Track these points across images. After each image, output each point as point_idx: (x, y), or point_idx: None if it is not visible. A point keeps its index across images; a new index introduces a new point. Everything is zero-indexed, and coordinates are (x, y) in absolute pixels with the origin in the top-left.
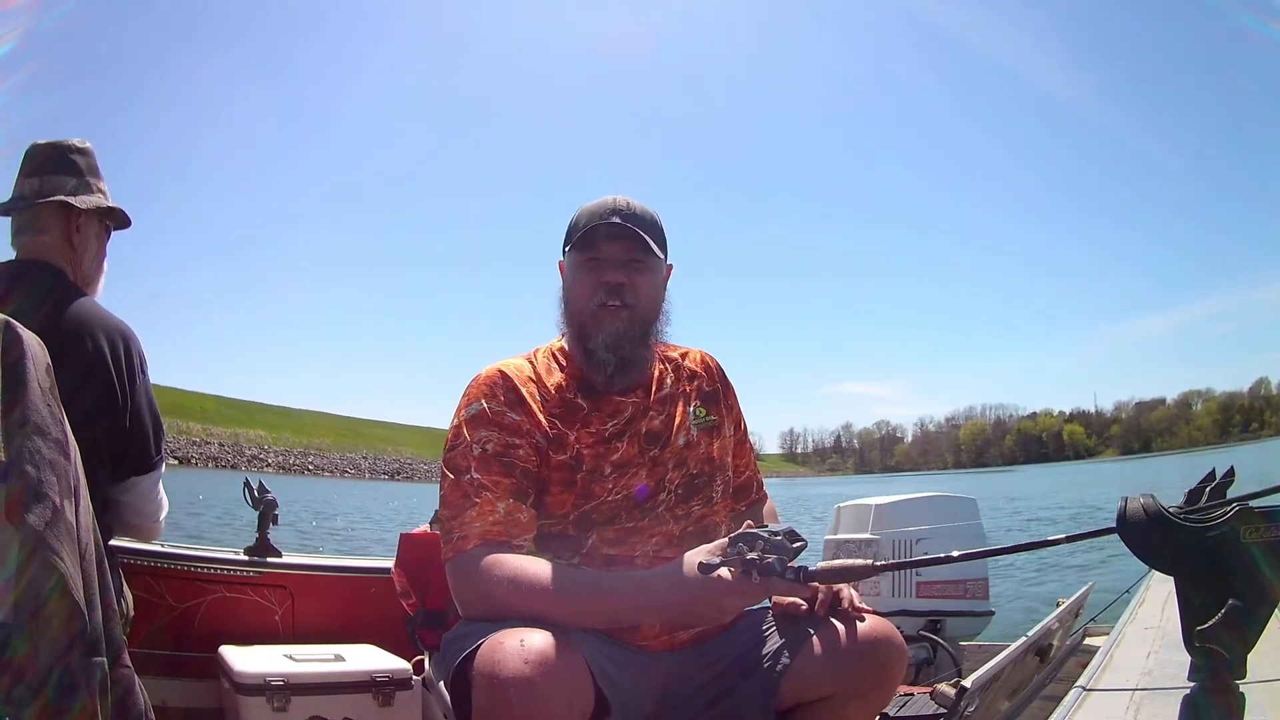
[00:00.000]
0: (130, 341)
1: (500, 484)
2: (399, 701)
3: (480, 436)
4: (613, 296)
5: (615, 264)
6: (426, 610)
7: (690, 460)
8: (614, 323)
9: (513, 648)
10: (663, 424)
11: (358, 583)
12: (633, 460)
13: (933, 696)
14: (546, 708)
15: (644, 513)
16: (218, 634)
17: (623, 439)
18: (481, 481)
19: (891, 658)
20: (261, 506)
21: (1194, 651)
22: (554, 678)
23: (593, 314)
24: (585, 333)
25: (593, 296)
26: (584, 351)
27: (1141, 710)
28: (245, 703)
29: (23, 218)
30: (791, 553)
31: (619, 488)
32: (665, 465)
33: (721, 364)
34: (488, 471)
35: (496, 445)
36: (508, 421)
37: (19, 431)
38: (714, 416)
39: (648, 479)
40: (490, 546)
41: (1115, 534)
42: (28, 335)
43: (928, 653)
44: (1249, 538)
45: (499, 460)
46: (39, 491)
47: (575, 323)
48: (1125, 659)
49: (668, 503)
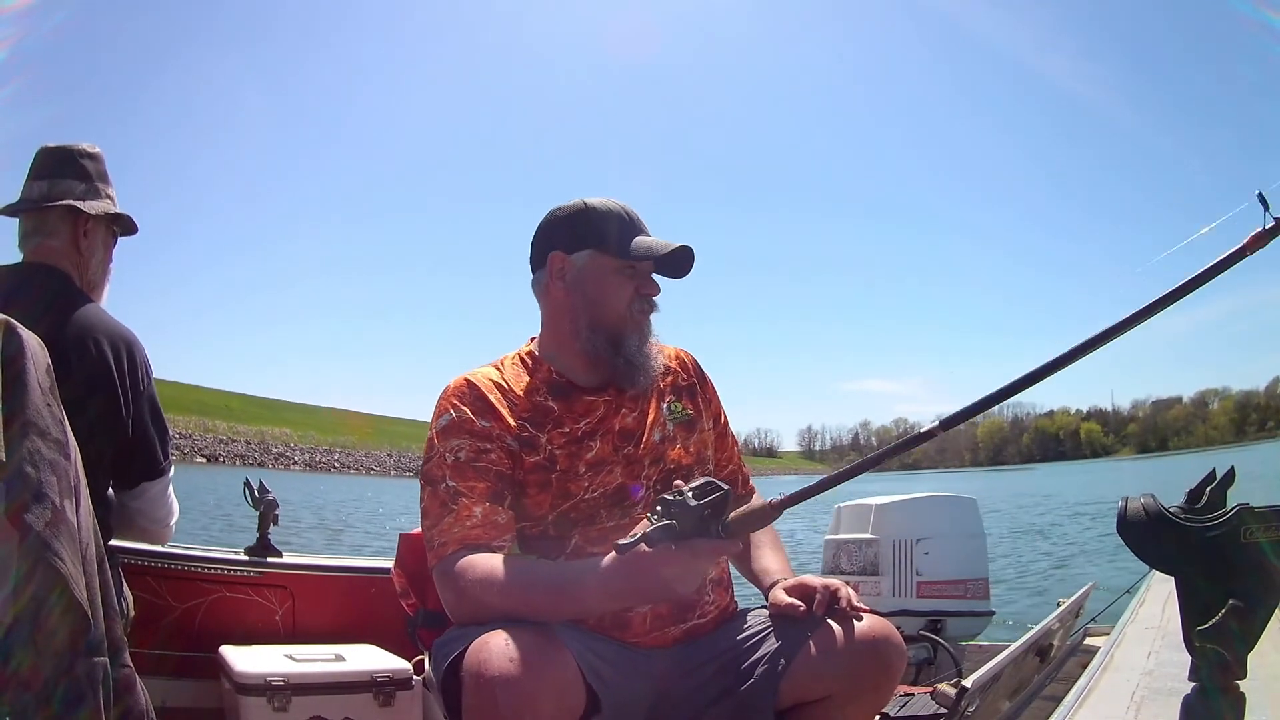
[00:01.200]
0: (135, 349)
1: (475, 489)
2: (399, 701)
3: (452, 445)
4: (648, 306)
5: (647, 276)
6: (426, 610)
7: (667, 456)
8: (647, 328)
9: (499, 647)
10: (635, 420)
11: (358, 583)
12: (607, 459)
13: (933, 696)
14: (534, 706)
15: (624, 511)
16: (218, 634)
17: (595, 438)
18: (457, 488)
19: (891, 658)
20: (262, 506)
21: (1194, 652)
22: (542, 676)
23: (632, 319)
24: (619, 335)
25: (632, 304)
26: (611, 352)
27: (1141, 710)
28: (246, 703)
29: (31, 221)
30: (700, 510)
31: (595, 485)
32: (641, 462)
33: (698, 360)
34: (462, 478)
35: (469, 452)
36: (477, 428)
37: (19, 432)
38: (690, 410)
39: (624, 476)
40: (469, 549)
41: (935, 436)
42: (28, 336)
43: (928, 653)
44: (1249, 537)
45: (472, 466)
46: (39, 492)
47: (605, 325)
48: (1125, 659)
49: (647, 498)
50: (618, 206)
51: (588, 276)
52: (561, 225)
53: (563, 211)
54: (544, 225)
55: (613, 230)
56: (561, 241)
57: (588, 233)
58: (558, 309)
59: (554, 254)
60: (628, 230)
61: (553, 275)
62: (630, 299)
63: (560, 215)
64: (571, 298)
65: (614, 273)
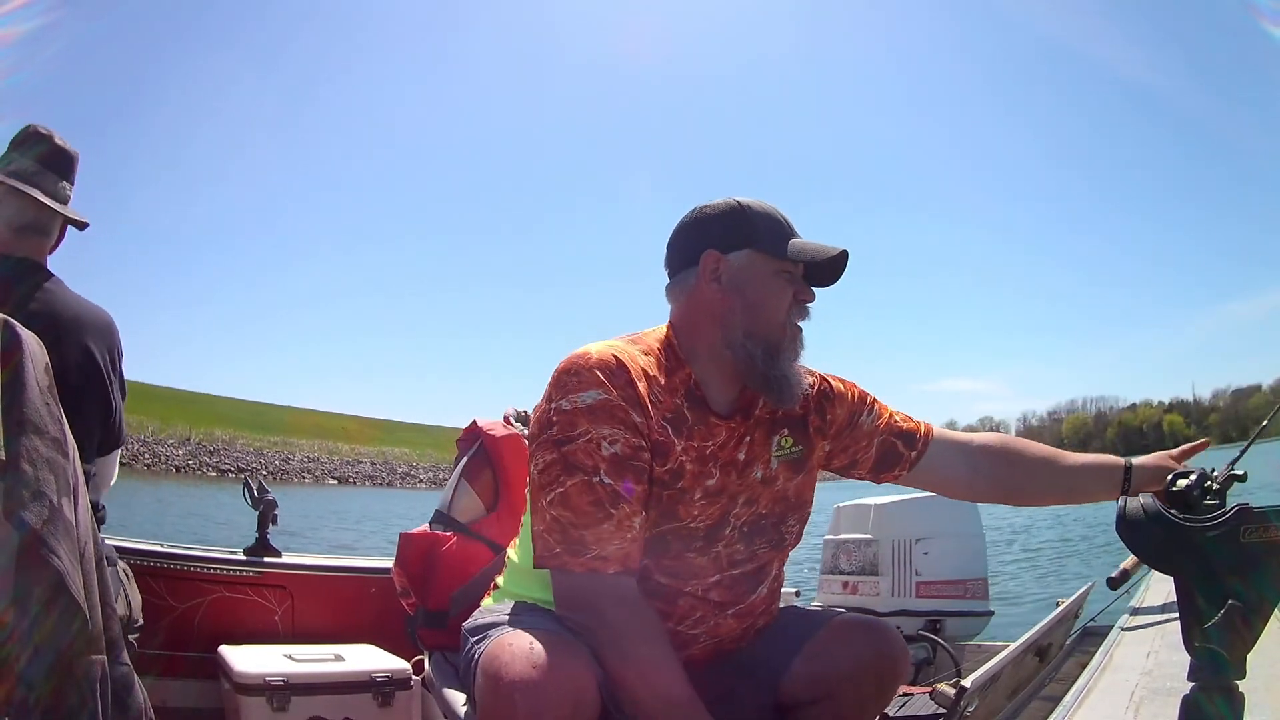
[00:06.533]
0: (114, 332)
1: (634, 493)
2: (399, 701)
3: (605, 433)
4: (804, 316)
5: (802, 281)
6: (426, 610)
7: (763, 498)
8: (801, 340)
9: (519, 649)
10: (748, 455)
11: (358, 583)
12: (723, 489)
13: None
14: (551, 710)
15: (709, 546)
16: (218, 634)
17: (716, 464)
18: (616, 489)
19: (894, 658)
20: (261, 507)
21: (1194, 651)
22: (560, 680)
23: (790, 328)
24: (777, 346)
25: (790, 310)
26: (768, 364)
27: (1141, 710)
28: (245, 703)
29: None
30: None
31: (702, 515)
32: (736, 500)
33: (826, 374)
34: (619, 477)
35: (625, 447)
36: (632, 421)
37: (17, 430)
38: (800, 447)
39: (720, 513)
40: (629, 574)
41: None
42: (27, 335)
43: (927, 653)
44: (1249, 537)
45: (630, 465)
46: (36, 490)
47: (763, 332)
48: (1125, 659)
49: (729, 539)
50: (771, 206)
51: (747, 278)
52: (715, 223)
53: (713, 209)
54: (691, 223)
55: (770, 230)
56: (715, 240)
57: (746, 231)
58: (707, 313)
59: (709, 252)
60: (784, 231)
61: (706, 275)
62: (790, 305)
63: (712, 213)
64: (728, 300)
65: (773, 275)
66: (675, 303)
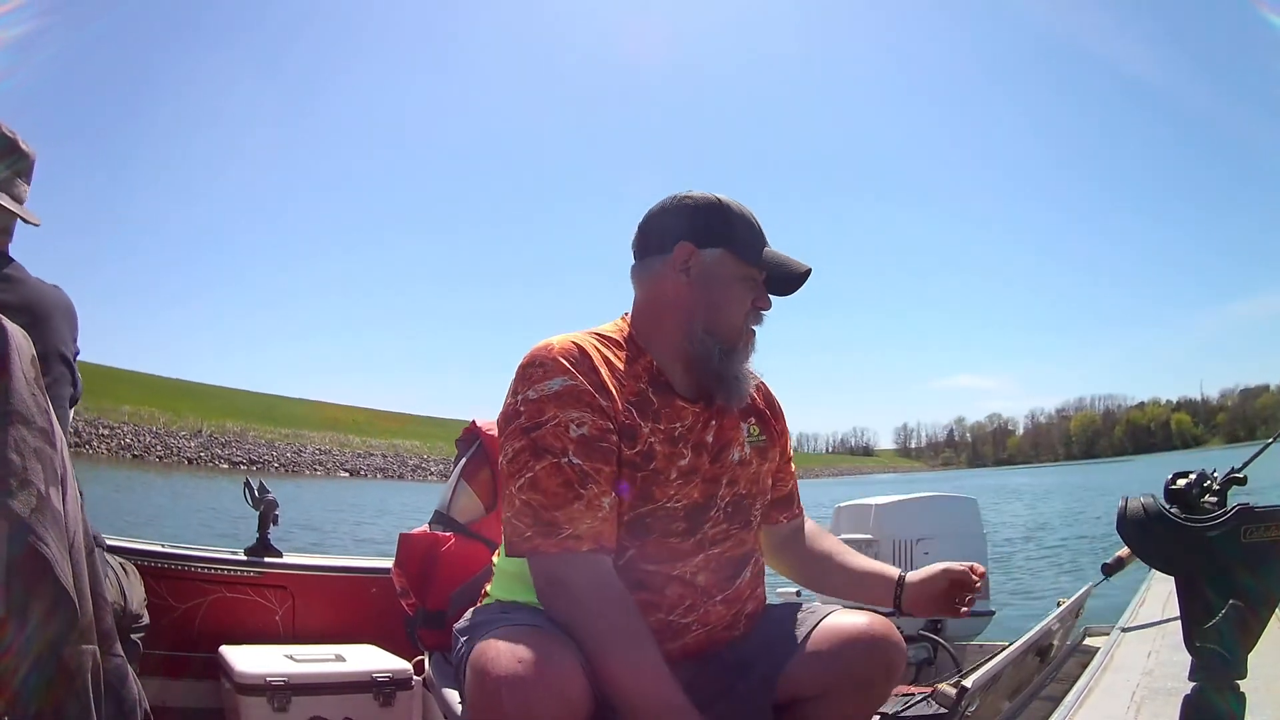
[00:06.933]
0: (74, 313)
1: (602, 473)
2: (399, 701)
3: (572, 416)
4: (759, 321)
5: (763, 289)
6: (426, 610)
7: (741, 479)
8: (753, 344)
9: (506, 646)
10: (717, 436)
11: (358, 583)
12: (696, 470)
13: (933, 696)
14: (540, 707)
15: (693, 530)
16: (218, 634)
17: (688, 445)
18: (584, 469)
19: (890, 656)
20: (262, 506)
21: (1194, 651)
22: (548, 678)
23: (745, 331)
24: (732, 351)
25: (748, 315)
26: (721, 363)
27: (1141, 710)
28: (246, 703)
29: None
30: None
31: (679, 496)
32: (719, 481)
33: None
34: (588, 458)
35: (592, 429)
36: (598, 404)
37: (4, 421)
38: (764, 436)
39: (701, 493)
40: (603, 552)
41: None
42: (13, 328)
43: (928, 653)
44: (1250, 537)
45: (598, 446)
46: (24, 479)
47: (720, 331)
48: (1125, 659)
49: (715, 520)
50: (748, 210)
51: (715, 276)
52: (694, 215)
53: (695, 201)
54: (670, 209)
55: (746, 234)
56: (692, 232)
57: (723, 231)
58: (669, 303)
59: (683, 244)
60: (758, 237)
61: (676, 265)
62: (748, 310)
63: (692, 205)
64: (692, 294)
65: (739, 279)
66: (639, 287)
